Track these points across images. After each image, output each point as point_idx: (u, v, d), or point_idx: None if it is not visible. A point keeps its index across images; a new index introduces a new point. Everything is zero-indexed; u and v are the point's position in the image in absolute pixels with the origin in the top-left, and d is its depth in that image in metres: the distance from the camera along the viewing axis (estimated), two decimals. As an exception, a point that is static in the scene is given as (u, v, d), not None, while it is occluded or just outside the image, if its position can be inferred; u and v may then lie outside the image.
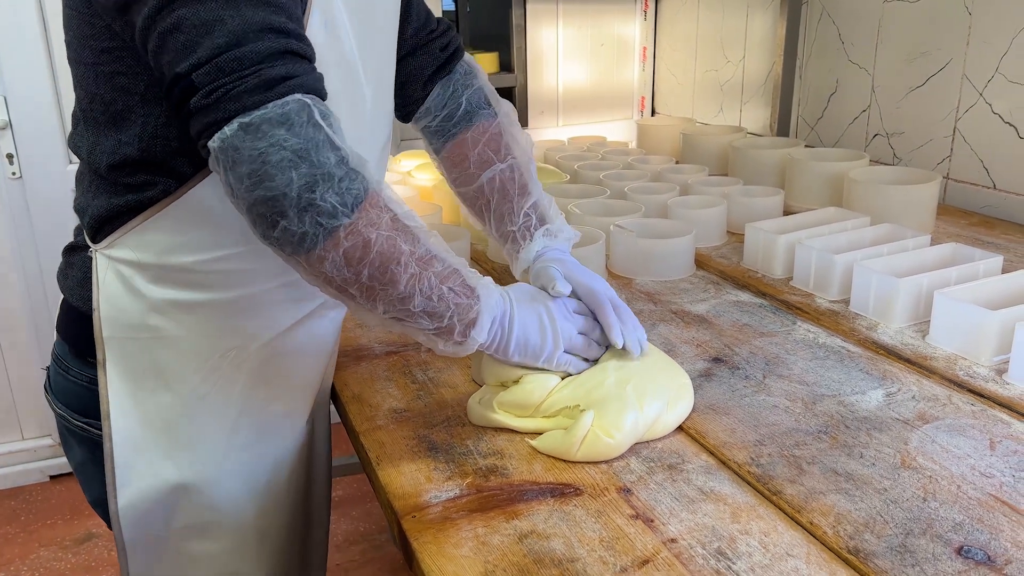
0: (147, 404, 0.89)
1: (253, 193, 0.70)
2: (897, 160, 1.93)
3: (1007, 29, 1.64)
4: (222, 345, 0.89)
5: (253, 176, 0.69)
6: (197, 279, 0.86)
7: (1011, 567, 0.69)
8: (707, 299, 1.29)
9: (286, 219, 0.70)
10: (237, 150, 0.69)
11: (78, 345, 0.92)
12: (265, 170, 0.69)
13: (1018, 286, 1.16)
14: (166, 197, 0.83)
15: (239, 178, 0.70)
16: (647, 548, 0.72)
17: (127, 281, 0.86)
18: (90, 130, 0.85)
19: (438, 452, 0.88)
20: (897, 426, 0.91)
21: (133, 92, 0.80)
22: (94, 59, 0.81)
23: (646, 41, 2.80)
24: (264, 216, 0.71)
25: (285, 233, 0.71)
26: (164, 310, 0.86)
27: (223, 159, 0.70)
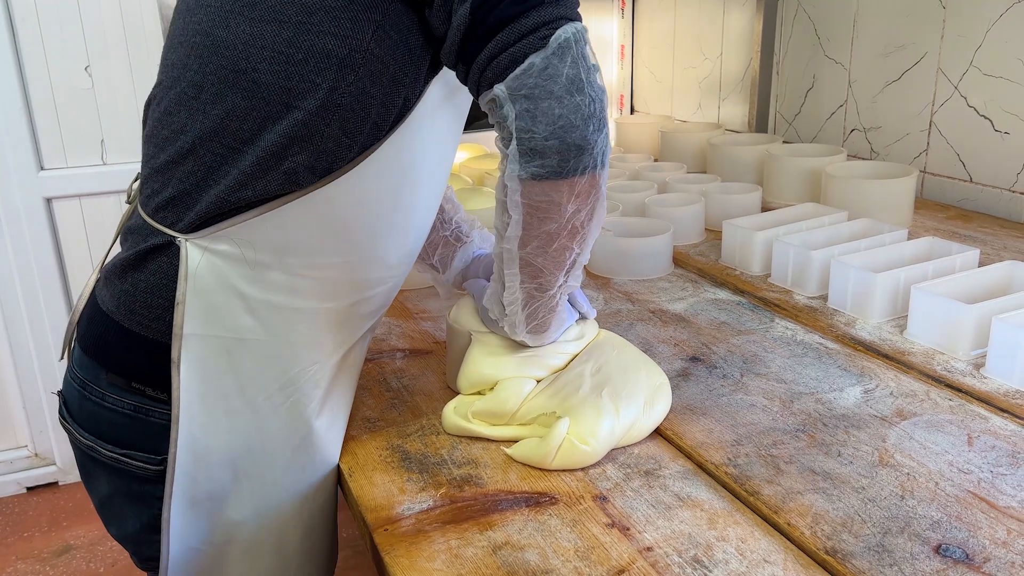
0: (217, 408, 0.83)
1: (595, 88, 0.74)
2: (875, 155, 1.93)
3: (981, 22, 1.64)
4: (306, 358, 0.85)
5: (592, 74, 0.74)
6: (298, 284, 0.82)
7: (989, 564, 0.68)
8: (685, 297, 1.28)
9: (607, 125, 0.76)
10: (586, 44, 0.75)
11: (122, 369, 0.85)
12: (596, 73, 0.75)
13: (994, 279, 1.16)
14: (297, 190, 0.79)
15: (587, 70, 0.74)
16: (623, 557, 0.71)
17: (222, 276, 0.80)
18: (241, 99, 0.78)
19: (412, 462, 0.87)
20: (875, 423, 0.90)
21: (333, 55, 0.76)
22: (301, 17, 0.76)
23: (624, 39, 2.79)
24: (599, 117, 0.75)
25: (605, 139, 0.76)
26: (257, 312, 0.81)
27: (574, 50, 0.73)
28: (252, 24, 0.77)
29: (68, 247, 2.33)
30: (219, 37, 0.79)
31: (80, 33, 2.20)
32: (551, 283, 0.84)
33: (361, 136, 0.79)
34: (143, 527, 0.88)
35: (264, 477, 0.86)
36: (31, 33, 2.14)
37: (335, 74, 0.76)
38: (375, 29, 0.76)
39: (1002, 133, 1.63)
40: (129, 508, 0.88)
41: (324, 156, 0.78)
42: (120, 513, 0.90)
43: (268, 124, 0.77)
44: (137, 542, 0.90)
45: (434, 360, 1.10)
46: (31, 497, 2.47)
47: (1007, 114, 1.62)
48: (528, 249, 0.81)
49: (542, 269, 0.83)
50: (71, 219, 2.32)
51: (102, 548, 2.21)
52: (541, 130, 0.73)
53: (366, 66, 0.77)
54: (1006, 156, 1.63)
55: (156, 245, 0.82)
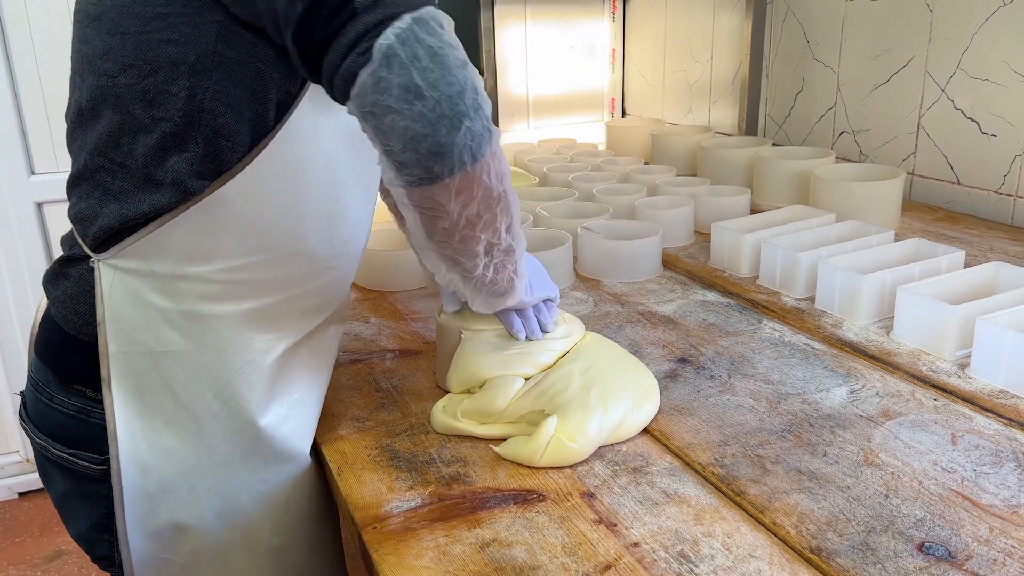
0: (156, 422, 0.84)
1: (437, 90, 0.68)
2: (863, 157, 1.95)
3: (967, 26, 1.65)
4: (236, 360, 0.85)
5: (437, 70, 0.68)
6: (212, 290, 0.82)
7: (972, 562, 0.69)
8: (674, 299, 1.29)
9: (467, 119, 0.70)
10: (418, 42, 0.68)
11: (65, 371, 0.87)
12: (446, 65, 0.69)
13: (980, 280, 1.17)
14: (191, 198, 0.79)
15: (422, 72, 0.68)
16: (609, 553, 0.71)
17: (136, 293, 0.81)
18: (112, 114, 0.79)
19: (401, 461, 0.87)
20: (861, 423, 0.91)
21: (181, 63, 0.76)
22: (139, 27, 0.76)
23: (615, 43, 2.80)
24: (450, 117, 0.69)
25: (469, 135, 0.71)
26: (176, 323, 0.82)
27: (404, 53, 0.68)
28: (102, 37, 0.79)
29: (58, 251, 2.32)
30: (85, 54, 0.81)
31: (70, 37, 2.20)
32: (473, 265, 0.83)
33: (241, 136, 0.78)
34: (93, 525, 0.90)
35: (220, 480, 0.87)
36: (21, 37, 2.14)
37: (188, 80, 0.76)
38: (218, 31, 0.75)
39: (989, 135, 1.65)
40: (81, 507, 0.90)
41: (206, 160, 0.78)
42: (74, 512, 0.92)
43: (141, 137, 0.78)
44: (89, 540, 0.91)
45: (424, 360, 1.11)
46: (23, 502, 2.46)
47: (994, 116, 1.63)
48: (434, 242, 0.81)
49: (456, 257, 0.82)
50: (62, 223, 2.31)
51: (93, 552, 2.21)
52: (395, 143, 0.71)
53: (221, 68, 0.76)
54: (993, 158, 1.65)
55: (76, 256, 0.85)
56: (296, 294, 0.87)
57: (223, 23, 0.75)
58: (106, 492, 0.86)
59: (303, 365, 0.91)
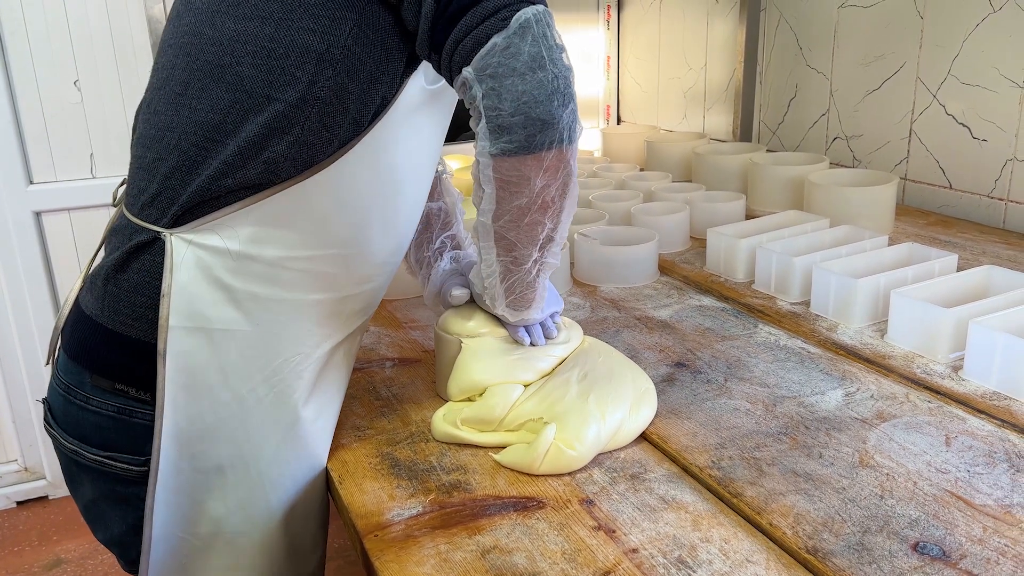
0: (203, 400, 0.84)
1: (559, 65, 0.77)
2: (857, 162, 1.96)
3: (958, 32, 1.67)
4: (289, 349, 0.87)
5: (556, 51, 0.77)
6: (281, 276, 0.84)
7: (965, 561, 0.70)
8: (670, 304, 1.30)
9: (574, 101, 0.78)
10: (548, 25, 0.77)
11: (106, 370, 0.86)
12: (560, 50, 0.78)
13: (972, 284, 1.18)
14: (279, 182, 0.81)
15: (549, 48, 0.76)
16: (608, 559, 0.72)
17: (206, 268, 0.82)
18: (223, 91, 0.81)
19: (401, 469, 0.88)
20: (856, 425, 0.92)
21: (312, 51, 0.80)
22: (283, 14, 0.80)
23: (610, 50, 2.82)
24: (564, 93, 0.77)
25: (572, 114, 0.79)
26: (240, 303, 0.83)
27: (535, 29, 0.76)
28: (237, 21, 0.82)
29: (57, 260, 2.34)
30: (206, 35, 0.83)
31: (69, 47, 2.21)
32: (525, 257, 0.87)
33: (340, 130, 0.82)
34: (128, 529, 0.90)
35: (249, 470, 0.88)
36: (20, 47, 2.15)
37: (314, 68, 0.80)
38: (352, 27, 0.80)
39: (980, 140, 1.66)
40: (114, 511, 0.90)
41: (304, 148, 0.81)
42: (106, 517, 0.92)
43: (250, 116, 0.81)
44: (123, 545, 0.92)
45: (423, 369, 1.12)
46: (21, 511, 2.46)
47: (984, 122, 1.65)
48: (501, 223, 0.84)
49: (515, 243, 0.86)
50: (60, 232, 2.32)
51: (92, 561, 2.21)
52: (507, 107, 0.76)
53: (344, 61, 0.80)
54: (984, 163, 1.66)
55: (141, 243, 0.84)
56: (350, 294, 0.90)
57: (358, 21, 0.80)
58: (144, 494, 0.86)
59: (337, 366, 0.94)
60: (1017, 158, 1.60)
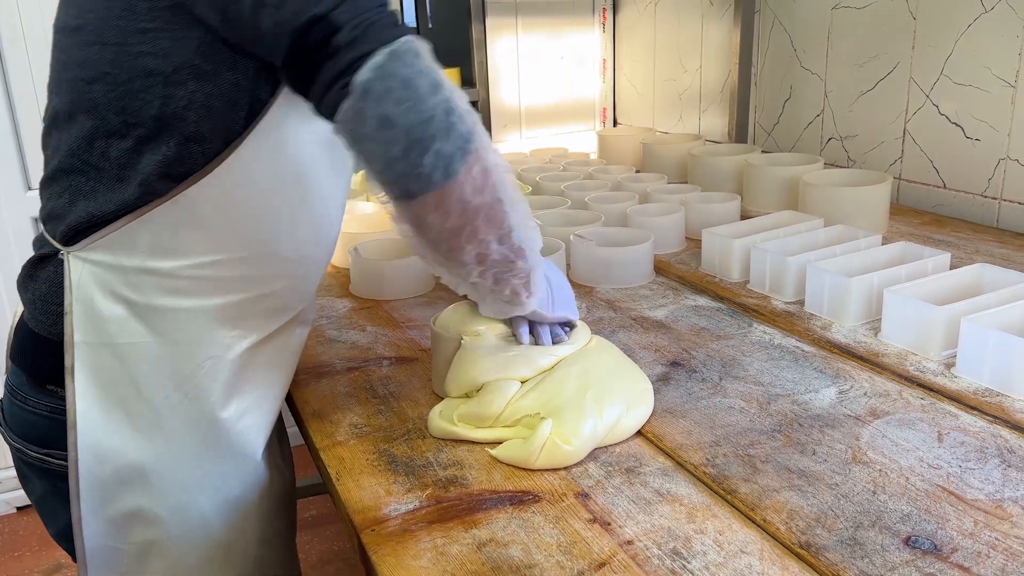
0: (117, 412, 0.87)
1: (409, 117, 0.73)
2: (851, 163, 1.97)
3: (950, 32, 1.68)
4: (199, 354, 0.88)
5: (405, 101, 0.73)
6: (179, 285, 0.85)
7: (956, 555, 0.71)
8: (666, 304, 1.31)
9: (437, 141, 0.74)
10: (392, 76, 0.73)
11: (37, 372, 0.91)
12: (417, 94, 0.74)
13: (965, 282, 1.19)
14: (156, 198, 0.82)
15: (396, 104, 0.73)
16: (604, 551, 0.73)
17: (104, 284, 0.85)
18: (87, 119, 0.83)
19: (398, 465, 0.89)
20: (849, 422, 0.93)
21: (157, 74, 0.79)
22: (120, 39, 0.79)
23: (605, 53, 2.83)
24: (420, 141, 0.74)
25: (438, 156, 0.75)
26: (142, 316, 0.85)
27: (378, 88, 0.72)
28: (81, 48, 0.82)
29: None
30: (63, 62, 0.85)
31: (67, 53, 2.22)
32: (467, 274, 0.86)
33: (211, 142, 0.82)
34: (69, 523, 0.91)
35: (175, 475, 0.90)
36: (18, 54, 2.16)
37: (163, 90, 0.80)
38: (198, 44, 0.79)
39: (973, 140, 1.68)
40: (59, 506, 0.93)
41: (175, 164, 0.82)
42: (52, 511, 0.96)
43: (113, 141, 0.82)
44: (68, 539, 0.94)
45: (420, 367, 1.12)
46: (21, 517, 2.46)
47: (977, 121, 1.66)
48: (428, 251, 0.85)
49: (448, 266, 0.86)
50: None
51: (92, 565, 2.21)
52: (374, 166, 0.76)
53: (196, 79, 0.80)
54: (977, 162, 1.68)
55: (45, 255, 0.89)
56: (260, 294, 0.91)
57: (204, 38, 0.79)
58: None
59: (264, 364, 0.95)
60: (1010, 157, 1.61)
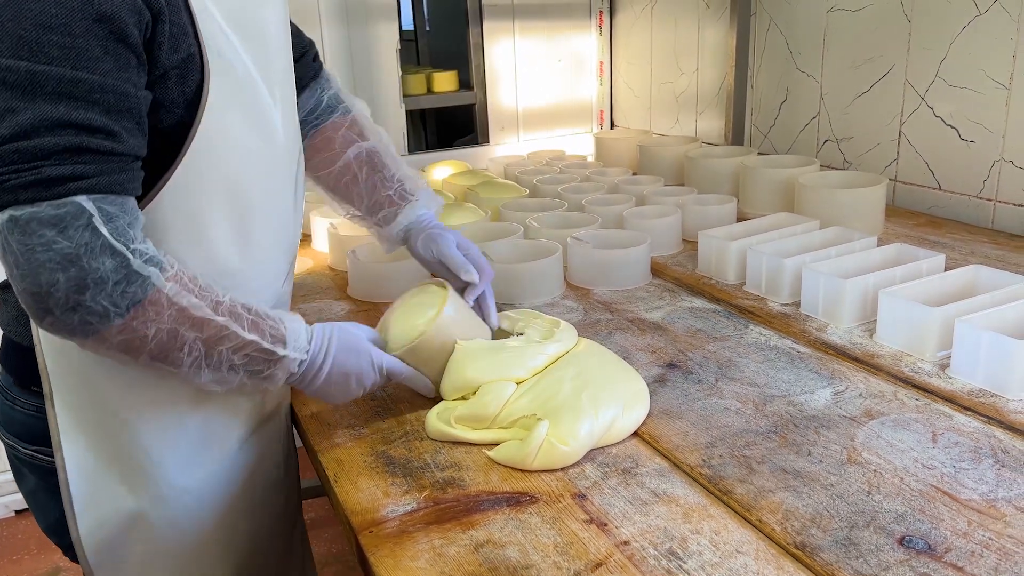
0: (96, 433, 0.90)
1: (21, 284, 0.72)
2: (847, 164, 1.98)
3: (945, 35, 1.69)
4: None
5: (20, 268, 0.71)
6: None
7: (950, 555, 0.71)
8: (662, 306, 1.31)
9: (52, 315, 0.73)
10: (7, 241, 0.70)
11: (21, 376, 0.94)
12: (31, 268, 0.70)
13: (959, 283, 1.20)
14: None
15: (9, 267, 0.72)
16: (600, 551, 0.73)
17: None
18: None
19: (396, 467, 0.89)
20: (844, 423, 0.93)
21: None
22: None
23: (602, 55, 2.84)
24: (31, 307, 0.73)
25: (54, 326, 0.74)
26: None
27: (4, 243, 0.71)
28: None
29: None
30: None
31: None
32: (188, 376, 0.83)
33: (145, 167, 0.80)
34: (61, 517, 0.94)
35: (160, 485, 0.93)
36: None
37: None
38: None
39: (968, 142, 1.68)
40: (49, 500, 0.95)
41: None
42: (44, 506, 0.99)
43: None
44: (58, 533, 0.96)
45: (418, 370, 1.13)
46: (19, 520, 2.46)
47: (972, 123, 1.67)
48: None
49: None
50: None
51: (90, 568, 2.21)
52: None
53: None
54: (972, 164, 1.68)
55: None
56: None
57: None
58: None
59: None
60: (1004, 159, 1.62)
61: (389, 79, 2.52)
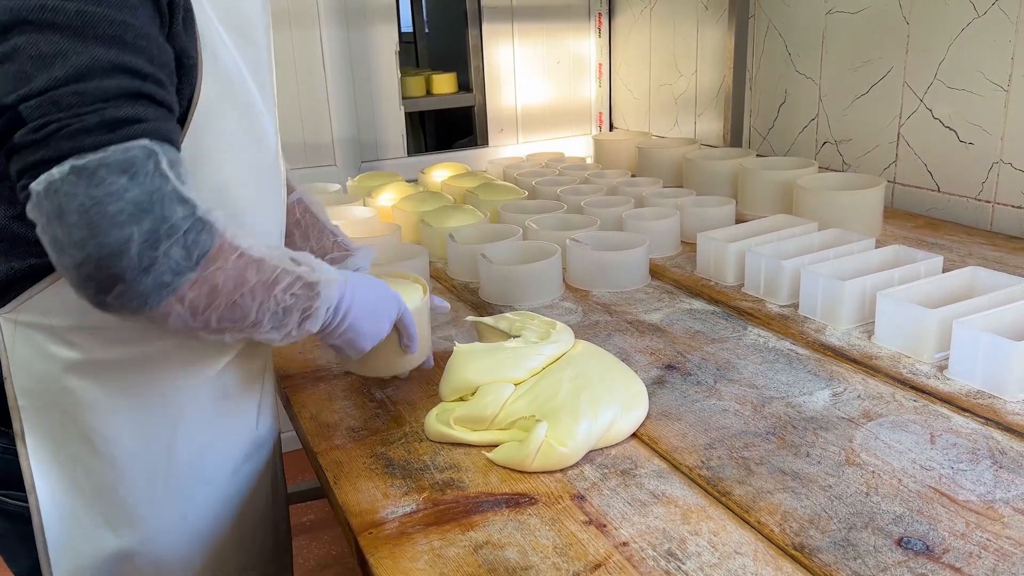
0: (74, 471, 0.83)
1: (83, 250, 0.63)
2: (846, 166, 1.98)
3: (943, 37, 1.69)
4: (149, 400, 0.84)
5: (84, 229, 0.63)
6: (115, 336, 0.80)
7: (948, 555, 0.72)
8: (661, 308, 1.32)
9: (124, 281, 0.65)
10: (67, 196, 0.62)
11: None
12: (100, 223, 0.62)
13: (957, 285, 1.20)
14: None
15: (67, 230, 0.63)
16: (599, 552, 0.73)
17: (39, 346, 0.79)
18: None
19: (395, 469, 0.89)
20: (842, 425, 0.94)
21: None
22: None
23: (601, 58, 2.84)
24: (94, 277, 0.64)
25: (122, 297, 0.66)
26: (83, 371, 0.80)
27: (48, 206, 0.63)
28: None
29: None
30: None
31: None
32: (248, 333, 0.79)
33: None
34: (34, 564, 0.87)
35: (145, 521, 0.87)
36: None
37: None
38: None
39: (967, 144, 1.69)
40: (20, 546, 0.88)
41: None
42: (14, 552, 0.91)
43: (2, 209, 0.76)
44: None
45: (416, 370, 1.12)
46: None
47: (971, 125, 1.67)
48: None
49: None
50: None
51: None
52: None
53: None
54: (971, 166, 1.69)
55: None
56: None
57: None
58: None
59: (230, 391, 0.91)
60: (1003, 161, 1.63)
61: (388, 81, 2.52)
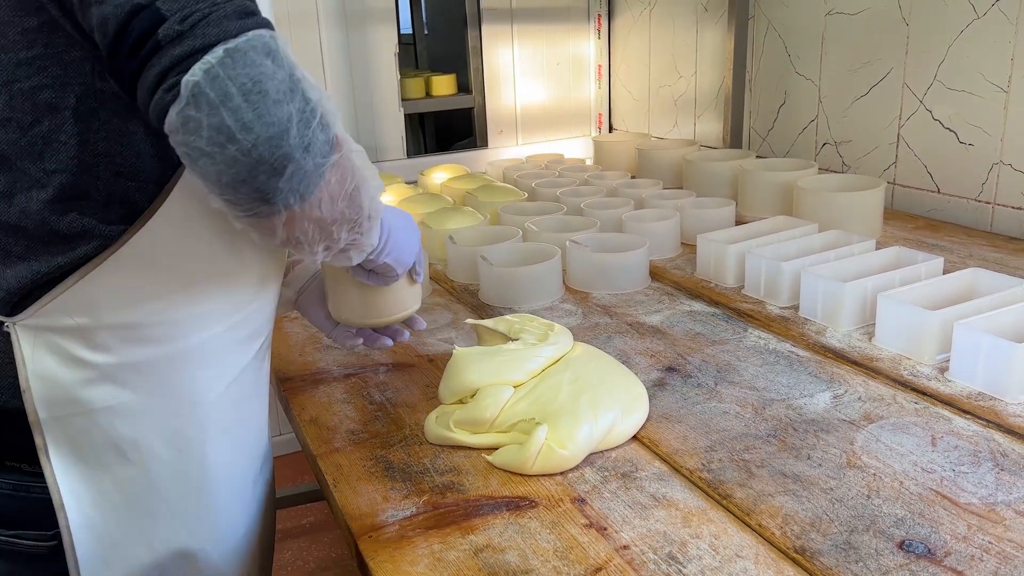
0: (104, 484, 0.79)
1: (252, 132, 0.61)
2: (846, 168, 1.98)
3: (943, 38, 1.69)
4: (179, 403, 0.81)
5: (249, 111, 0.61)
6: (144, 334, 0.77)
7: (950, 559, 0.71)
8: (661, 310, 1.32)
9: (293, 160, 0.64)
10: (229, 80, 0.61)
11: None
12: (263, 103, 0.62)
13: (958, 286, 1.20)
14: (111, 244, 0.73)
15: (233, 113, 0.61)
16: (600, 556, 0.73)
17: (63, 351, 0.75)
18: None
19: (395, 472, 0.89)
20: (843, 427, 0.93)
21: (62, 108, 0.70)
22: (7, 76, 0.70)
23: (601, 59, 2.84)
24: (265, 160, 0.62)
25: (293, 179, 0.64)
26: (112, 375, 0.77)
27: (211, 93, 0.60)
28: None
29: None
30: None
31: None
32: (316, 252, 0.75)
33: (146, 173, 0.73)
34: None
35: (176, 530, 0.84)
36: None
37: (75, 125, 0.70)
38: (93, 65, 0.69)
39: (967, 145, 1.69)
40: None
41: (113, 205, 0.73)
42: None
43: (35, 193, 0.72)
44: None
45: (416, 373, 1.13)
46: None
47: (971, 126, 1.67)
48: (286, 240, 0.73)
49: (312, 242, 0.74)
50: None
51: None
52: (213, 187, 0.65)
53: (106, 106, 0.70)
54: (971, 167, 1.68)
55: None
56: (231, 324, 0.83)
57: (97, 56, 0.68)
58: (59, 569, 0.80)
59: (251, 394, 0.89)
60: (1003, 162, 1.62)
61: (388, 83, 2.52)
